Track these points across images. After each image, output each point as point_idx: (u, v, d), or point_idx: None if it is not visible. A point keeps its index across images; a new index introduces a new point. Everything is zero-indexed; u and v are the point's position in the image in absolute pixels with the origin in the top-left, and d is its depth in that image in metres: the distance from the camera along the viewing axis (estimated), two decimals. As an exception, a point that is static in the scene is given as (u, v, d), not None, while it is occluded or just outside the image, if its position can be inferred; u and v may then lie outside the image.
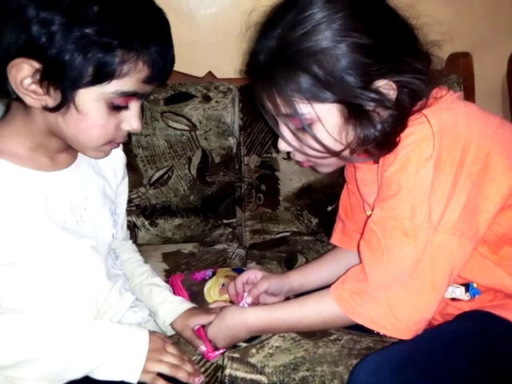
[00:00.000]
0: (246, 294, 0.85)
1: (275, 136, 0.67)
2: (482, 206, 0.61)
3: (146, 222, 1.24)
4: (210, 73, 1.32)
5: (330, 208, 1.24)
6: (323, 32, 0.58)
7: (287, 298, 0.86)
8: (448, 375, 0.58)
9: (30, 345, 0.61)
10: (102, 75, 0.56)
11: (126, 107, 0.61)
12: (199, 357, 0.77)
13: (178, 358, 0.69)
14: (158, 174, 1.22)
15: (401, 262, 0.61)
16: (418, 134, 0.61)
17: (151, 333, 0.69)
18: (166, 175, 1.22)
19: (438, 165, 0.59)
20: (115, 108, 0.60)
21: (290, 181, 1.24)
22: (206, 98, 1.21)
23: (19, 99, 0.58)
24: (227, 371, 0.73)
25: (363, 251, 0.66)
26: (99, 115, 0.59)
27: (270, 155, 1.23)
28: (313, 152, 0.65)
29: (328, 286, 0.70)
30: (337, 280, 0.69)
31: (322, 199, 1.25)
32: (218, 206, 1.25)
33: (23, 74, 0.56)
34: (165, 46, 0.60)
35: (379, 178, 0.68)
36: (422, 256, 0.61)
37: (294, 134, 0.65)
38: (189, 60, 0.65)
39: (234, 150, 1.24)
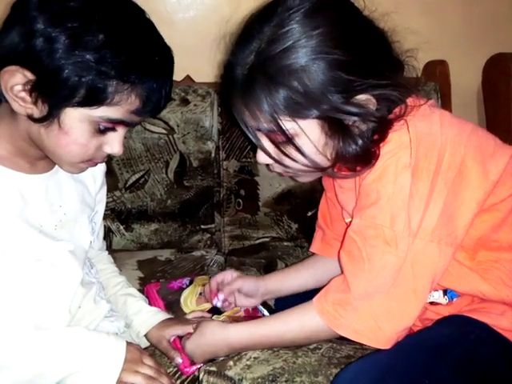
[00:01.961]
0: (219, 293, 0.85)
1: (253, 144, 0.66)
2: (458, 211, 0.61)
3: (122, 227, 1.20)
4: (188, 76, 1.30)
5: (309, 213, 1.24)
6: (303, 48, 0.58)
7: (265, 304, 0.85)
8: (430, 383, 0.58)
9: (1, 351, 0.60)
10: (93, 100, 0.57)
11: (112, 129, 0.62)
12: (175, 369, 0.74)
13: (155, 370, 0.68)
14: (134, 178, 1.19)
15: (382, 272, 0.61)
16: (395, 142, 0.61)
17: (128, 343, 0.68)
18: (143, 179, 1.19)
19: (415, 172, 0.60)
20: (101, 131, 0.61)
21: (270, 186, 1.23)
22: (184, 102, 1.19)
23: (7, 102, 0.59)
24: (204, 385, 0.71)
25: (344, 261, 0.65)
26: (81, 135, 0.60)
27: (249, 160, 1.22)
28: (294, 164, 0.64)
29: (305, 293, 0.72)
30: (319, 291, 0.68)
31: (302, 205, 1.24)
32: (196, 211, 1.23)
33: (15, 80, 0.57)
34: (162, 83, 0.61)
35: (357, 186, 0.67)
36: (403, 264, 0.60)
37: (275, 147, 0.64)
38: (166, 63, 0.64)
39: (213, 155, 1.22)
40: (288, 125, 0.60)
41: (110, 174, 1.16)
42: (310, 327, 0.66)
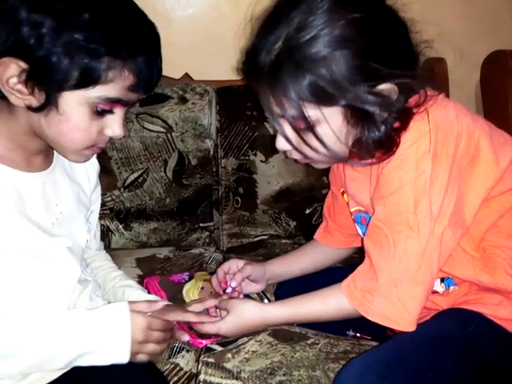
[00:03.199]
0: (229, 278, 0.86)
1: (254, 139, 0.66)
2: (467, 197, 0.64)
3: (120, 226, 1.20)
4: (186, 74, 1.30)
5: (308, 211, 1.24)
6: (330, 37, 0.58)
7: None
8: (433, 375, 0.59)
9: (8, 339, 0.60)
10: (87, 80, 0.57)
11: (110, 111, 0.62)
12: (171, 362, 0.75)
13: (164, 333, 0.69)
14: (132, 177, 1.19)
15: (405, 256, 0.63)
16: (414, 130, 0.62)
17: (133, 313, 0.66)
18: (141, 178, 1.19)
19: (435, 159, 0.61)
20: (99, 113, 0.61)
21: (268, 184, 1.23)
22: (183, 100, 1.20)
23: (4, 97, 0.59)
24: (202, 377, 0.71)
25: (370, 248, 0.66)
26: (82, 119, 0.60)
27: (247, 158, 1.22)
28: (313, 152, 0.65)
29: (305, 277, 0.81)
30: (317, 275, 0.72)
31: (300, 202, 1.24)
32: (194, 210, 1.23)
33: (10, 72, 0.57)
34: (152, 56, 0.61)
35: (372, 175, 0.69)
36: (425, 248, 0.62)
37: (296, 134, 0.65)
38: (165, 61, 0.65)
39: (211, 153, 1.22)
40: (312, 112, 0.61)
41: (108, 173, 1.16)
42: (347, 309, 0.68)
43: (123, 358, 0.63)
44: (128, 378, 0.65)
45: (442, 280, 0.71)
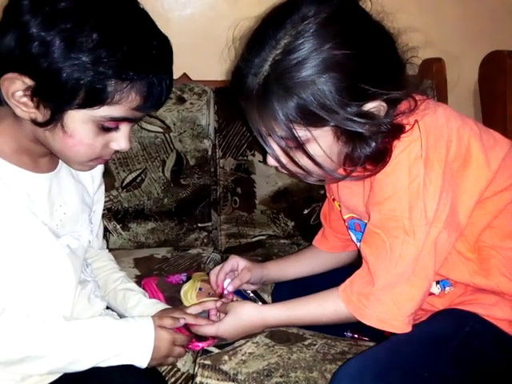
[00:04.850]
0: (227, 283, 0.86)
1: (252, 139, 0.66)
2: (460, 199, 0.64)
3: (118, 226, 1.20)
4: (184, 74, 1.30)
5: (306, 211, 1.24)
6: (318, 61, 0.58)
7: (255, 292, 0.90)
8: (429, 376, 0.60)
9: (37, 341, 0.62)
10: (93, 100, 0.57)
11: (115, 128, 0.62)
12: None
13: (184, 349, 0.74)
14: (130, 177, 1.19)
15: (401, 261, 0.63)
16: (405, 136, 0.63)
17: (158, 328, 0.69)
18: (139, 178, 1.19)
19: (427, 163, 0.62)
20: (104, 129, 0.61)
21: (266, 184, 1.23)
22: (181, 100, 1.19)
23: (9, 106, 0.59)
24: (198, 379, 0.71)
25: (367, 253, 0.67)
26: (86, 135, 0.60)
27: (245, 158, 1.22)
28: (302, 170, 0.65)
29: (301, 279, 0.82)
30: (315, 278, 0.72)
31: (299, 202, 1.24)
32: (192, 210, 1.23)
33: (15, 87, 0.57)
34: (162, 76, 0.60)
35: (365, 182, 0.69)
36: (421, 252, 0.62)
37: (285, 152, 0.65)
38: (163, 61, 0.64)
39: (210, 153, 1.22)
40: (301, 133, 0.61)
41: (106, 174, 1.13)
42: (344, 313, 0.69)
43: (142, 364, 0.67)
44: (126, 379, 0.66)
45: (438, 282, 0.71)
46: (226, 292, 0.86)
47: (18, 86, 0.56)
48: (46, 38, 0.54)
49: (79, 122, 0.59)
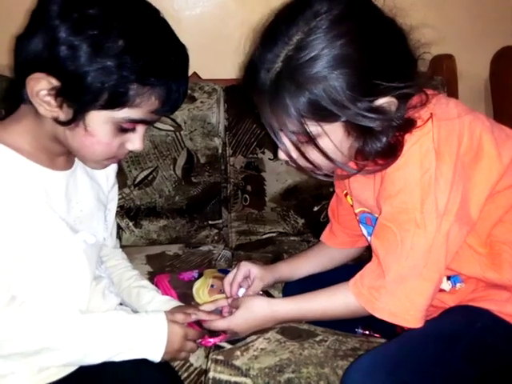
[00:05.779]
0: (241, 292, 0.86)
1: (262, 137, 0.67)
2: (471, 193, 0.64)
3: (131, 224, 1.22)
4: (194, 73, 1.31)
5: (316, 208, 1.24)
6: (330, 57, 0.58)
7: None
8: (441, 372, 0.60)
9: (53, 333, 0.63)
10: (115, 103, 0.60)
11: (132, 129, 0.65)
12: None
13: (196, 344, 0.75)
14: (142, 175, 1.20)
15: (412, 253, 0.63)
16: (416, 129, 0.63)
17: (171, 322, 0.70)
18: (151, 176, 1.20)
19: (439, 156, 0.62)
20: (122, 130, 0.64)
21: (276, 181, 1.23)
22: (191, 99, 1.20)
23: (32, 104, 0.61)
24: (211, 374, 0.72)
25: (377, 247, 0.67)
26: (105, 135, 0.63)
27: (255, 156, 1.22)
28: (314, 163, 0.66)
29: (311, 277, 0.82)
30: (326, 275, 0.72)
31: (308, 200, 1.24)
32: (203, 207, 1.24)
33: (41, 86, 0.59)
34: (179, 82, 0.64)
35: (376, 176, 0.69)
36: (432, 245, 0.63)
37: (296, 147, 0.66)
38: (173, 61, 0.65)
39: (220, 151, 1.23)
40: (313, 128, 0.62)
41: (118, 172, 1.15)
42: (354, 305, 0.69)
43: (156, 358, 0.68)
44: (140, 373, 0.68)
45: (449, 278, 0.71)
46: (236, 296, 0.85)
47: (43, 86, 0.59)
48: (73, 43, 0.57)
49: (100, 122, 0.62)
